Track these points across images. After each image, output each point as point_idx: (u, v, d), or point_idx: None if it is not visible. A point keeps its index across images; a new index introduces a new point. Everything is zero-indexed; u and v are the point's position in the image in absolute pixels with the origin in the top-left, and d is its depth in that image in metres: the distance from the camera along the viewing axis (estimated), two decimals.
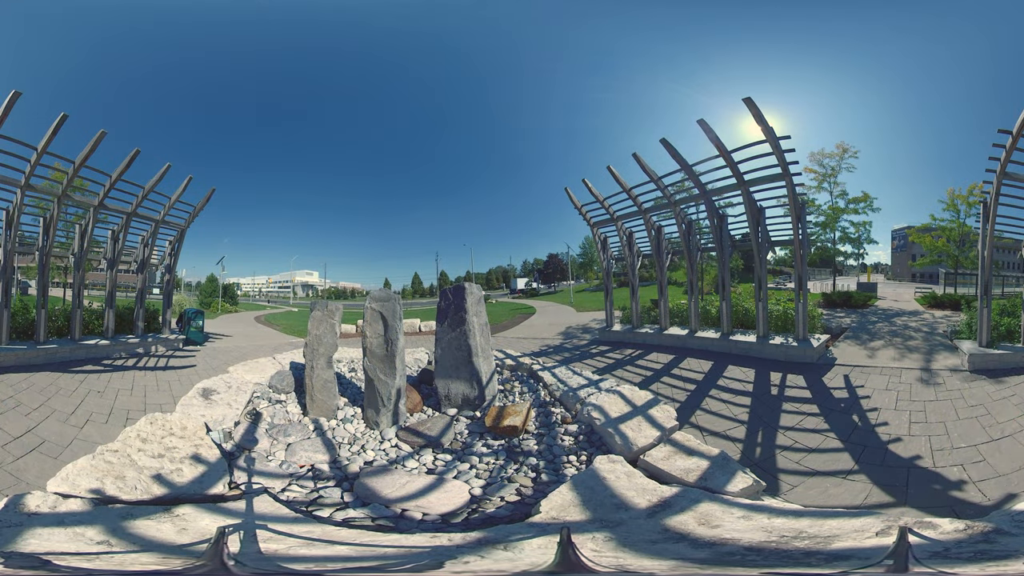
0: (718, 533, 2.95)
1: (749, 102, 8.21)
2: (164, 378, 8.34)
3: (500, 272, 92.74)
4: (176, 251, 13.73)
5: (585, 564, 2.19)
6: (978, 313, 8.31)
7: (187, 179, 12.14)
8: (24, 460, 4.59)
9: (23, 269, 23.76)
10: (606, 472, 4.03)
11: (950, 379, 7.04)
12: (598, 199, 12.91)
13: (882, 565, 2.05)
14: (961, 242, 22.99)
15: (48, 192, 9.81)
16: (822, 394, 6.87)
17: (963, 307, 12.06)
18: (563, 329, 16.91)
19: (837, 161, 24.54)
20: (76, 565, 2.46)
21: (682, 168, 10.15)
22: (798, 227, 9.48)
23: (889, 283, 48.12)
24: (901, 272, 60.30)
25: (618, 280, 25.44)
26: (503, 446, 5.05)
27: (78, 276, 10.99)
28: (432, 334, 13.30)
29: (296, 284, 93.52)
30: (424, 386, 7.13)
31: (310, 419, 5.72)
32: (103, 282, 14.00)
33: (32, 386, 7.04)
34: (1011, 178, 7.89)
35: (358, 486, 4.11)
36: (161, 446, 4.32)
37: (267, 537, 3.00)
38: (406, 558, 2.80)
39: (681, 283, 29.08)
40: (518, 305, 34.95)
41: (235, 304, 44.02)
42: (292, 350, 9.28)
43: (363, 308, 6.18)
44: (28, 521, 3.02)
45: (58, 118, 8.43)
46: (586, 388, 6.30)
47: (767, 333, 9.96)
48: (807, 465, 4.75)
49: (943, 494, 4.02)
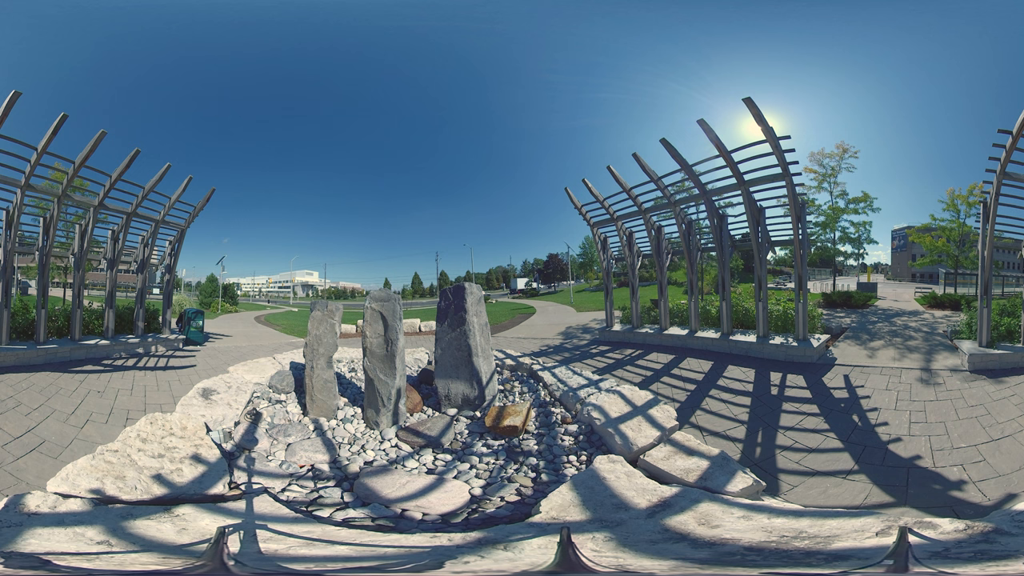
0: (718, 533, 2.95)
1: (749, 102, 8.21)
2: (164, 378, 8.34)
3: (500, 272, 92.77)
4: (176, 251, 13.73)
5: (585, 564, 2.19)
6: (978, 313, 8.31)
7: (187, 179, 12.15)
8: (24, 460, 4.59)
9: (23, 269, 23.76)
10: (606, 472, 4.03)
11: (950, 379, 7.03)
12: (598, 199, 12.91)
13: (882, 565, 2.05)
14: (961, 242, 23.00)
15: (48, 192, 9.80)
16: (822, 394, 6.87)
17: (963, 307, 12.07)
18: (563, 329, 16.91)
19: (837, 161, 24.58)
20: (76, 565, 2.46)
21: (682, 168, 10.15)
22: (798, 227, 9.48)
23: (889, 283, 48.14)
24: (901, 272, 60.34)
25: (618, 280, 25.46)
26: (503, 446, 5.05)
27: (78, 276, 10.99)
28: (432, 334, 13.33)
29: (296, 284, 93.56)
30: (424, 386, 7.13)
31: (310, 419, 5.72)
32: (103, 282, 14.03)
33: (32, 386, 7.04)
34: (1011, 178, 7.89)
35: (358, 486, 4.11)
36: (161, 446, 4.32)
37: (267, 537, 3.00)
38: (406, 558, 2.80)
39: (681, 283, 29.12)
40: (518, 305, 34.95)
41: (235, 304, 44.01)
42: (292, 350, 9.28)
43: (363, 308, 6.18)
44: (28, 521, 3.02)
45: (58, 118, 8.43)
46: (586, 388, 6.30)
47: (767, 333, 9.96)
48: (807, 465, 4.75)
49: (943, 494, 4.02)
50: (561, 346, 12.84)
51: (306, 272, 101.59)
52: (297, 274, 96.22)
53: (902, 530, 2.24)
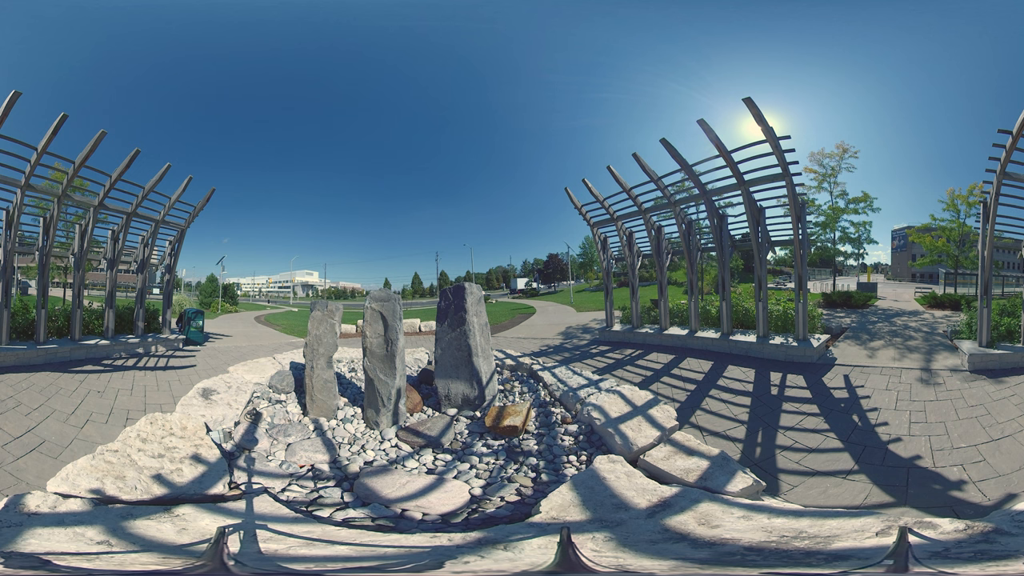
0: (718, 533, 2.95)
1: (749, 102, 8.21)
2: (164, 378, 8.34)
3: (500, 272, 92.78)
4: (176, 251, 13.73)
5: (585, 564, 2.19)
6: (978, 313, 8.31)
7: (187, 179, 12.15)
8: (24, 460, 4.59)
9: (23, 269, 23.76)
10: (606, 472, 4.03)
11: (950, 379, 7.03)
12: (598, 199, 12.91)
13: (882, 565, 2.05)
14: (961, 242, 23.01)
15: (48, 192, 9.80)
16: (822, 394, 6.87)
17: (963, 307, 12.07)
18: (563, 329, 16.91)
19: (837, 161, 24.59)
20: (76, 565, 2.46)
21: (682, 168, 10.15)
22: (798, 227, 9.48)
23: (889, 283, 48.14)
24: (901, 272, 60.34)
25: (618, 280, 25.46)
26: (503, 446, 5.05)
27: (78, 276, 10.99)
28: (432, 334, 13.32)
29: (296, 284, 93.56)
30: (424, 386, 7.13)
31: (310, 419, 5.72)
32: (103, 282, 14.02)
33: (32, 386, 7.04)
34: (1011, 178, 7.89)
35: (358, 486, 4.11)
36: (161, 446, 4.32)
37: (267, 537, 3.00)
38: (406, 558, 2.80)
39: (681, 283, 29.11)
40: (518, 305, 34.95)
41: (235, 304, 44.01)
42: (292, 350, 9.28)
43: (363, 308, 6.18)
44: (28, 521, 3.02)
45: (58, 118, 8.43)
46: (586, 388, 6.30)
47: (767, 333, 9.96)
48: (807, 465, 4.75)
49: (943, 494, 4.02)
50: (561, 346, 12.84)
51: (306, 272, 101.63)
52: (297, 274, 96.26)
53: (902, 530, 2.24)
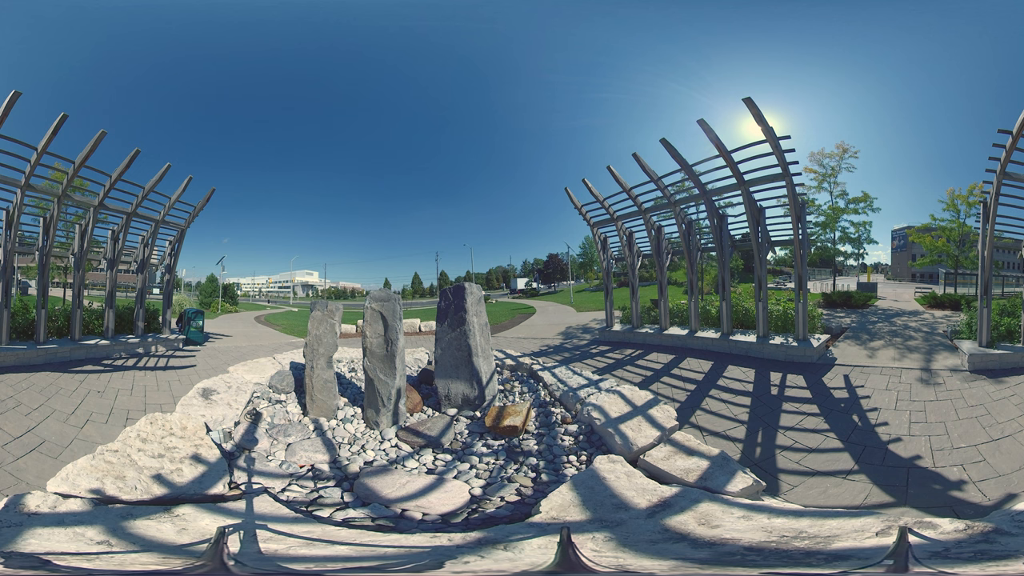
0: (718, 533, 2.95)
1: (749, 102, 8.21)
2: (164, 378, 8.34)
3: (500, 272, 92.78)
4: (176, 251, 13.73)
5: (585, 564, 2.19)
6: (978, 313, 8.31)
7: (187, 179, 12.15)
8: (24, 460, 4.59)
9: (23, 269, 23.76)
10: (606, 472, 4.03)
11: (950, 379, 7.03)
12: (598, 199, 12.91)
13: (882, 565, 2.05)
14: (961, 242, 23.01)
15: (48, 192, 9.80)
16: (822, 394, 6.87)
17: (963, 307, 12.06)
18: (563, 329, 16.91)
19: (837, 161, 24.59)
20: (76, 565, 2.46)
21: (682, 168, 10.15)
22: (798, 227, 9.48)
23: (889, 283, 48.14)
24: (901, 272, 60.34)
25: (618, 280, 25.46)
26: (503, 446, 5.05)
27: (78, 276, 10.99)
28: (432, 334, 13.33)
29: (296, 284, 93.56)
30: (424, 386, 7.13)
31: (310, 419, 5.72)
32: (103, 282, 14.02)
33: (32, 386, 7.03)
34: (1011, 178, 7.89)
35: (358, 486, 4.11)
36: (161, 446, 4.32)
37: (267, 537, 3.00)
38: (406, 558, 2.79)
39: (681, 283, 29.11)
40: (518, 305, 34.95)
41: (235, 304, 44.01)
42: (292, 350, 9.28)
43: (363, 308, 6.18)
44: (28, 521, 3.02)
45: (58, 118, 8.43)
46: (586, 388, 6.30)
47: (767, 333, 9.96)
48: (807, 465, 4.75)
49: (943, 494, 4.02)
50: (561, 346, 12.84)
51: (306, 272, 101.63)
52: (297, 274, 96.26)
53: (902, 530, 2.24)
